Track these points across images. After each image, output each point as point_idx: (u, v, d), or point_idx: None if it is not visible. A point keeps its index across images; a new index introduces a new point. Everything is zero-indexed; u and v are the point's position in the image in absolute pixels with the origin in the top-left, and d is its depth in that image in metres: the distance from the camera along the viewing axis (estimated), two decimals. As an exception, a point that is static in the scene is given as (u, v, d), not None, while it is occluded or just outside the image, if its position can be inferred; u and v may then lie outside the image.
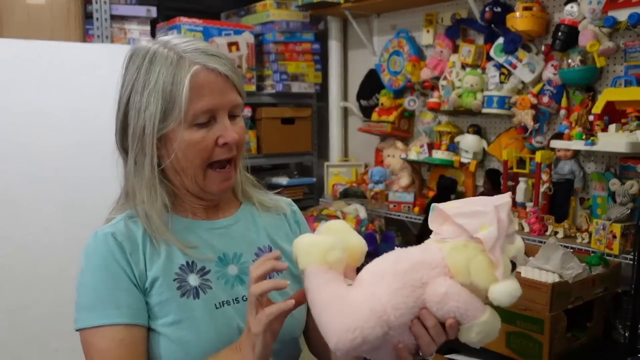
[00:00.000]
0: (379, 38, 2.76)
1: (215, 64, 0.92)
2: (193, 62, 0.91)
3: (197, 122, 0.91)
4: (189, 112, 0.90)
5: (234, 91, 0.95)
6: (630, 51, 1.80)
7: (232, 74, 0.94)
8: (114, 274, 0.91)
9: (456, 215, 0.80)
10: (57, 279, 1.84)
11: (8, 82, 1.98)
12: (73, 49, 2.19)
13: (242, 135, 0.97)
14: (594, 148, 1.74)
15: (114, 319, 0.90)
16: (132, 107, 0.94)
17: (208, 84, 0.91)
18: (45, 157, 1.96)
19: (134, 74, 0.94)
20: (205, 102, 0.91)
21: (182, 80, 0.90)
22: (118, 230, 0.95)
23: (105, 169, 2.03)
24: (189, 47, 0.93)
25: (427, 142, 2.44)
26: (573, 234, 1.90)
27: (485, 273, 0.77)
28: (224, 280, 0.97)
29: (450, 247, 0.80)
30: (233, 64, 0.97)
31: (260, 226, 1.06)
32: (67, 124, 2.03)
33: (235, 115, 0.97)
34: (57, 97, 2.05)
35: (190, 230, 0.99)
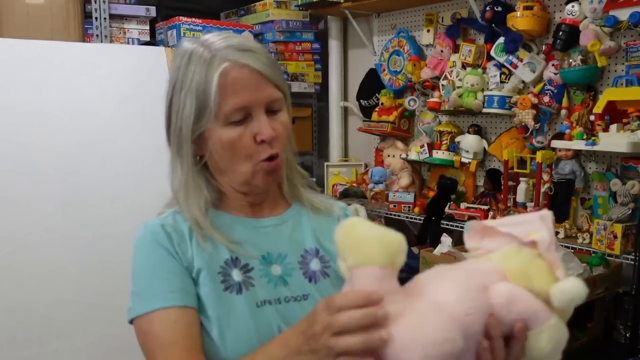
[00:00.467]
0: (379, 38, 2.75)
1: (246, 60, 0.89)
2: (223, 60, 0.89)
3: (231, 121, 0.89)
4: (221, 111, 0.89)
5: (270, 86, 0.91)
6: (631, 51, 1.80)
7: (267, 69, 0.91)
8: (165, 259, 0.92)
9: (500, 226, 0.76)
10: (57, 278, 1.84)
11: (8, 82, 1.98)
12: (72, 48, 2.18)
13: (283, 130, 0.93)
14: (595, 148, 1.74)
15: (167, 302, 0.89)
16: (173, 107, 0.94)
17: (239, 81, 0.89)
18: (45, 156, 1.95)
19: (175, 74, 0.94)
20: (237, 99, 0.89)
21: (212, 78, 0.88)
22: (166, 223, 0.96)
23: (105, 169, 2.03)
24: (222, 44, 0.91)
25: (428, 142, 2.43)
26: (574, 234, 1.90)
27: (546, 274, 0.73)
28: (266, 279, 0.95)
29: (503, 254, 0.75)
30: (269, 57, 0.93)
31: (309, 228, 1.03)
32: (67, 123, 2.03)
33: (276, 110, 0.93)
34: (57, 96, 2.04)
35: (235, 226, 0.98)
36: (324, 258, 0.99)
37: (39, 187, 1.92)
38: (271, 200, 1.02)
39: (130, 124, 2.15)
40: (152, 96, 2.30)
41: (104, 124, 2.10)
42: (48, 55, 2.09)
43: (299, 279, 0.96)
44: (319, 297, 0.89)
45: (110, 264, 1.92)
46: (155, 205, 1.01)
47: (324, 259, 0.99)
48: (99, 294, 1.87)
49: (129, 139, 2.12)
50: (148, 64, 2.31)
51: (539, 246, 0.73)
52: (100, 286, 1.89)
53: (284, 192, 1.03)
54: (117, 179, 2.04)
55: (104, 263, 1.92)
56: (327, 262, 0.98)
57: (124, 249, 2.05)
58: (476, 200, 2.30)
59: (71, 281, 1.86)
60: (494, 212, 2.12)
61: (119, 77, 2.20)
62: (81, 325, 1.82)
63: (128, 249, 2.15)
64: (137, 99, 2.20)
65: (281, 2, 2.79)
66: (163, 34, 2.60)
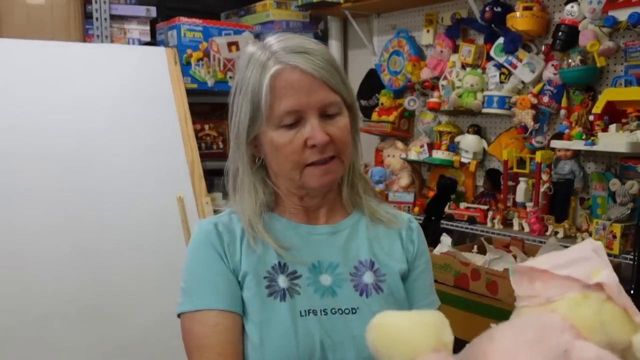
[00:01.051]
0: (379, 38, 2.76)
1: (297, 62, 0.87)
2: (276, 62, 0.88)
3: (283, 124, 0.88)
4: (273, 115, 0.87)
5: (325, 89, 0.88)
6: (630, 51, 1.80)
7: (320, 71, 0.88)
8: (213, 260, 0.92)
9: (554, 268, 0.66)
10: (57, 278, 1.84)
11: (8, 82, 1.98)
12: (73, 49, 2.19)
13: (340, 134, 0.90)
14: (594, 148, 1.74)
15: (210, 304, 0.89)
16: (234, 109, 0.93)
17: (290, 84, 0.87)
18: (45, 156, 1.96)
19: (238, 75, 0.94)
20: (288, 103, 0.87)
21: (264, 81, 0.87)
22: (220, 222, 0.96)
23: (105, 169, 2.04)
24: (278, 46, 0.89)
25: (427, 142, 2.44)
26: (573, 234, 1.90)
27: (623, 323, 0.64)
28: (313, 288, 0.92)
29: (569, 302, 0.65)
30: (328, 60, 0.90)
31: (365, 238, 0.98)
32: (67, 123, 2.03)
33: (332, 114, 0.90)
34: (57, 97, 2.04)
35: (287, 231, 0.96)
36: (378, 271, 0.95)
37: (39, 187, 1.92)
38: (328, 207, 0.99)
39: (131, 124, 2.15)
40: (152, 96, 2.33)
41: (104, 124, 2.10)
42: (48, 55, 2.09)
43: (349, 291, 0.93)
44: (368, 312, 0.86)
45: (111, 264, 1.93)
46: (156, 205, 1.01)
47: (378, 272, 0.95)
48: (99, 294, 1.88)
49: (130, 139, 2.12)
50: (148, 65, 2.32)
51: (606, 288, 0.65)
52: (101, 286, 1.89)
53: (343, 199, 1.00)
54: (117, 178, 2.05)
55: (104, 263, 1.92)
56: (381, 275, 0.95)
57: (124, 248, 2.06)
58: (476, 200, 2.30)
59: (71, 281, 1.86)
60: (493, 212, 2.12)
61: (120, 78, 2.20)
62: (81, 325, 1.82)
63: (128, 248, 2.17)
64: (138, 99, 2.21)
65: (281, 2, 2.79)
66: (163, 35, 2.60)
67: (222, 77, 2.56)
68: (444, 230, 2.17)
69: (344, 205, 1.00)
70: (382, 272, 0.95)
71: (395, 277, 0.95)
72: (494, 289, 1.69)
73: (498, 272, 1.69)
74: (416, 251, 1.00)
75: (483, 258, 1.85)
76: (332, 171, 0.91)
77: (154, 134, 2.19)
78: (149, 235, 2.00)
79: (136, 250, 1.97)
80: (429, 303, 1.00)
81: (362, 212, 1.00)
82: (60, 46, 2.15)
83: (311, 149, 0.88)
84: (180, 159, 2.20)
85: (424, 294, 1.00)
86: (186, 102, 2.33)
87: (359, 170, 1.01)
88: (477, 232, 2.14)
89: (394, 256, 0.98)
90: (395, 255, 0.98)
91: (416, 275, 0.99)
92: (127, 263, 1.95)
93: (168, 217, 2.03)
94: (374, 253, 0.97)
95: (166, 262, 1.95)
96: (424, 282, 1.01)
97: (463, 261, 1.79)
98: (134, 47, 2.48)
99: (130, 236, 1.99)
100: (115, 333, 1.84)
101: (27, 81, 2.01)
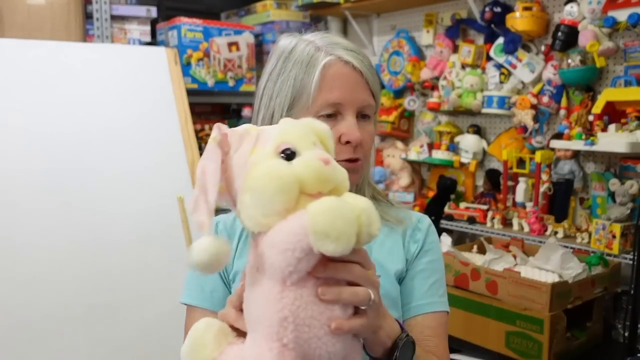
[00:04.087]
0: (379, 38, 2.76)
1: (351, 58, 0.89)
2: (328, 54, 0.89)
3: (321, 114, 0.88)
4: (316, 102, 0.88)
5: (367, 91, 0.91)
6: (630, 51, 1.81)
7: (368, 73, 0.90)
8: None
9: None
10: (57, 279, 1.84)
11: (9, 82, 1.98)
12: (73, 49, 2.19)
13: (368, 139, 0.91)
14: (593, 148, 1.75)
15: (195, 300, 0.93)
16: (266, 94, 0.93)
17: (340, 77, 0.88)
18: (45, 156, 1.96)
19: (274, 64, 0.93)
20: (334, 94, 0.88)
21: (315, 68, 0.88)
22: (223, 220, 0.97)
23: (105, 169, 2.04)
24: (328, 41, 0.91)
25: (427, 142, 2.44)
26: (573, 234, 1.90)
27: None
28: None
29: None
30: (372, 65, 0.93)
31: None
32: (67, 123, 2.03)
33: (366, 116, 0.92)
34: (57, 97, 2.05)
35: None
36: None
37: (39, 187, 1.92)
38: None
39: (131, 124, 2.15)
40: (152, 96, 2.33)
41: (104, 124, 2.10)
42: (49, 55, 2.09)
43: None
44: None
45: (111, 263, 1.93)
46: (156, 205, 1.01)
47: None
48: (99, 294, 1.88)
49: (130, 139, 2.13)
50: (149, 65, 2.32)
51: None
52: (101, 286, 1.89)
53: None
54: (118, 178, 2.05)
55: (104, 263, 1.92)
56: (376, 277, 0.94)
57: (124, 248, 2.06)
58: (475, 200, 2.30)
59: (71, 281, 1.86)
60: (493, 211, 2.13)
61: (120, 78, 2.20)
62: (81, 325, 1.83)
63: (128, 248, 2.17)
64: (138, 100, 2.21)
65: (281, 2, 2.79)
66: (164, 35, 2.61)
67: (222, 77, 2.56)
68: (444, 230, 2.18)
69: None
70: (377, 274, 0.94)
71: (389, 278, 0.93)
72: (494, 289, 1.69)
73: (498, 272, 1.70)
74: (419, 250, 0.97)
75: (483, 258, 1.85)
76: (357, 172, 0.91)
77: (154, 134, 2.19)
78: (149, 236, 2.00)
79: (136, 250, 1.98)
80: (426, 304, 0.95)
81: None
82: (60, 46, 2.15)
83: (344, 145, 0.88)
84: (180, 159, 2.20)
85: (419, 295, 0.95)
86: (186, 102, 2.33)
87: (368, 177, 1.00)
88: (477, 232, 2.14)
89: (393, 256, 0.96)
90: (395, 255, 0.96)
91: (413, 275, 0.96)
92: (127, 263, 1.95)
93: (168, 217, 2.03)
94: (372, 253, 0.94)
95: (166, 262, 1.95)
96: (421, 283, 0.95)
97: (463, 261, 1.79)
98: (134, 47, 2.49)
99: (130, 236, 1.99)
100: (116, 333, 1.85)
101: (27, 81, 2.02)
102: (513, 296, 1.64)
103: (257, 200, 0.61)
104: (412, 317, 0.94)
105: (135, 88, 2.21)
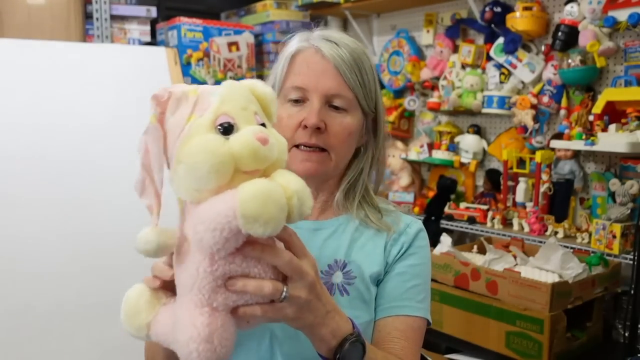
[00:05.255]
0: (379, 38, 2.76)
1: (323, 47, 0.89)
2: (304, 42, 0.91)
3: (289, 98, 0.90)
4: (283, 87, 0.91)
5: (339, 80, 0.89)
6: (630, 51, 1.80)
7: (342, 63, 0.88)
8: None
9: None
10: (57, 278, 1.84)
11: (8, 82, 1.98)
12: (73, 49, 2.18)
13: (338, 131, 0.89)
14: (594, 148, 1.74)
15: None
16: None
17: (307, 63, 0.89)
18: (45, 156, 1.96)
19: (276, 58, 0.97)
20: (297, 78, 0.89)
21: (286, 54, 0.91)
22: None
23: (105, 169, 2.04)
24: (318, 34, 0.93)
25: (427, 142, 2.44)
26: (573, 234, 1.90)
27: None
28: None
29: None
30: (357, 59, 0.91)
31: (348, 240, 0.94)
32: (67, 123, 2.03)
33: (338, 107, 0.90)
34: (57, 97, 2.04)
35: None
36: (348, 274, 0.91)
37: (39, 187, 1.92)
38: (320, 205, 0.96)
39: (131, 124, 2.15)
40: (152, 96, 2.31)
41: (104, 124, 2.10)
42: (49, 55, 2.09)
43: None
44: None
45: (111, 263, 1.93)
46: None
47: (348, 275, 0.91)
48: (99, 294, 1.88)
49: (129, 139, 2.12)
50: (149, 65, 2.32)
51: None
52: (101, 286, 1.89)
53: (335, 200, 0.96)
54: (117, 178, 2.04)
55: (104, 263, 1.92)
56: (350, 278, 0.91)
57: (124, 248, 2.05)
58: (476, 200, 2.30)
59: (71, 281, 1.86)
60: (493, 212, 2.12)
61: (120, 78, 2.20)
62: (81, 325, 1.83)
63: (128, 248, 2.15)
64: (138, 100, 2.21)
65: (281, 2, 2.79)
66: (164, 35, 2.61)
67: (222, 77, 2.56)
68: (444, 230, 2.18)
69: (331, 208, 0.97)
70: (352, 275, 0.91)
71: (365, 281, 0.91)
72: (494, 289, 1.69)
73: (498, 272, 1.70)
74: (402, 253, 0.94)
75: (483, 258, 1.85)
76: (315, 161, 0.89)
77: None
78: (149, 235, 2.00)
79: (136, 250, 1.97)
80: (398, 307, 0.91)
81: (351, 216, 0.96)
82: (60, 46, 2.15)
83: (304, 129, 0.89)
84: (181, 159, 2.20)
85: (394, 297, 0.91)
86: (186, 102, 2.32)
87: (363, 181, 0.97)
88: (477, 232, 2.14)
89: (371, 259, 0.93)
90: (374, 258, 0.93)
91: (390, 276, 0.93)
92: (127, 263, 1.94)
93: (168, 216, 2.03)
94: (350, 255, 0.93)
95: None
96: (397, 285, 0.92)
97: (463, 261, 1.79)
98: (134, 47, 2.48)
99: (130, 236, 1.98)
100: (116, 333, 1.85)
101: (27, 81, 2.01)
102: (513, 296, 1.64)
103: (190, 175, 0.62)
104: (382, 317, 0.91)
105: (135, 88, 2.20)
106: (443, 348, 1.83)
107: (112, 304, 2.02)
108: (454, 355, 1.79)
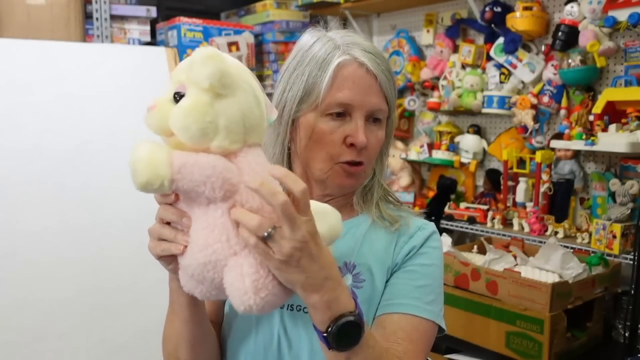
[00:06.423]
0: (379, 38, 2.76)
1: (366, 60, 0.88)
2: (345, 53, 0.88)
3: (329, 112, 0.87)
4: (325, 100, 0.87)
5: (380, 95, 0.89)
6: (630, 51, 1.80)
7: (383, 77, 0.89)
8: None
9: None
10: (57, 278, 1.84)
11: (8, 82, 1.98)
12: (73, 49, 2.18)
13: (375, 144, 0.90)
14: (594, 148, 1.74)
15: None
16: (280, 86, 0.93)
17: (352, 77, 0.87)
18: (45, 156, 1.96)
19: (292, 57, 0.93)
20: (344, 94, 0.87)
21: (329, 66, 0.87)
22: None
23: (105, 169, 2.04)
24: (348, 40, 0.90)
25: (427, 142, 2.44)
26: (573, 234, 1.90)
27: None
28: None
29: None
30: (390, 71, 0.92)
31: (360, 241, 0.93)
32: (67, 123, 2.03)
33: (377, 120, 0.90)
34: (57, 97, 2.04)
35: None
36: (358, 276, 0.90)
37: (39, 187, 1.92)
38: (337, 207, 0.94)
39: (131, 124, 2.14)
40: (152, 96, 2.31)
41: (104, 124, 2.10)
42: (49, 55, 2.09)
43: None
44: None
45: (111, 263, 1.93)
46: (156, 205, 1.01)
47: (357, 278, 0.90)
48: (99, 294, 1.88)
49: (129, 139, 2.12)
50: (149, 65, 2.32)
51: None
52: (101, 286, 1.89)
53: (353, 201, 0.97)
54: (117, 178, 2.04)
55: (104, 263, 1.92)
56: (359, 282, 0.90)
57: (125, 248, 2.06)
58: (476, 200, 2.30)
59: (71, 281, 1.86)
60: (493, 212, 2.12)
61: (120, 78, 2.20)
62: (81, 325, 1.82)
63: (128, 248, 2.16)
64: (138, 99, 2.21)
65: (281, 2, 2.79)
66: (164, 35, 2.60)
67: (222, 77, 2.55)
68: (444, 230, 2.18)
69: (352, 208, 0.97)
70: (362, 278, 0.90)
71: (372, 284, 0.90)
72: (494, 289, 1.69)
73: (498, 272, 1.70)
74: (413, 252, 0.92)
75: (483, 258, 1.85)
76: (357, 176, 0.90)
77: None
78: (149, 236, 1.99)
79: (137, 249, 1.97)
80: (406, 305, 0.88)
81: (369, 215, 0.96)
82: (60, 46, 2.15)
83: (348, 147, 0.88)
84: (181, 159, 2.19)
85: (402, 294, 0.89)
86: (186, 102, 2.32)
87: (380, 180, 0.98)
88: (477, 232, 2.14)
89: (381, 260, 0.92)
90: (384, 259, 0.92)
91: (400, 274, 0.91)
92: (128, 262, 1.95)
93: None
94: (360, 256, 0.92)
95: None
96: (406, 282, 0.90)
97: (463, 261, 1.79)
98: (134, 47, 2.48)
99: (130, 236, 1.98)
100: (116, 333, 1.85)
101: (27, 81, 2.01)
102: (513, 296, 1.64)
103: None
104: (387, 313, 0.88)
105: (135, 88, 2.20)
106: (443, 348, 1.83)
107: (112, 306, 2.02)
108: (454, 355, 1.78)
